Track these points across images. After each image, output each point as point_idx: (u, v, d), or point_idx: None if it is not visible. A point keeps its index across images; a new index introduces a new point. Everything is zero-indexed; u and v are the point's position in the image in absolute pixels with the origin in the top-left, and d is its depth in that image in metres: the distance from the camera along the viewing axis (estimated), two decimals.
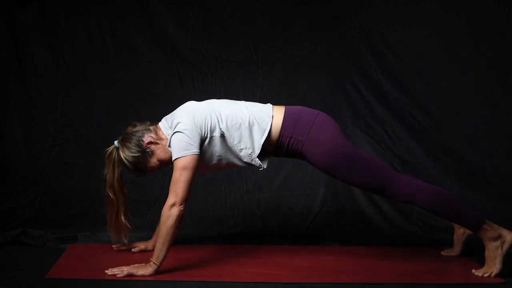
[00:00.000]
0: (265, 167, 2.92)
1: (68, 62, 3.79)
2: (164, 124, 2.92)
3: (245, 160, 2.89)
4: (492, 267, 2.84)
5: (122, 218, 2.99)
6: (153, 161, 2.92)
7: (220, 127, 2.83)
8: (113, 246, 3.23)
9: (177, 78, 3.81)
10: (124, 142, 2.90)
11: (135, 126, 2.94)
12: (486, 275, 2.83)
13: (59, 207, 3.61)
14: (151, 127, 2.92)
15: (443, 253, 3.19)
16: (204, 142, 2.83)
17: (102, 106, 3.79)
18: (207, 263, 2.97)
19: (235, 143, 2.85)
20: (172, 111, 2.94)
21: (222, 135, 2.84)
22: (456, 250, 3.16)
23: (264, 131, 2.85)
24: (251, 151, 2.87)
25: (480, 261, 3.02)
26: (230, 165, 2.94)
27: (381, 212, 3.69)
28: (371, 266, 2.98)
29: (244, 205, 3.74)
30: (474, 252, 3.23)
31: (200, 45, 3.80)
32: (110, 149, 2.94)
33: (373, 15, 3.79)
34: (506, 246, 2.84)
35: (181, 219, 2.77)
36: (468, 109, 3.71)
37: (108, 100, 3.80)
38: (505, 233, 2.85)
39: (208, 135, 2.83)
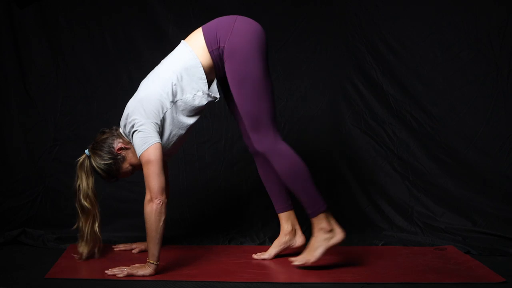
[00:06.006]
0: (218, 96, 2.90)
1: (68, 62, 3.79)
2: (122, 130, 2.93)
3: (204, 103, 2.85)
4: (309, 256, 2.84)
5: (98, 229, 2.98)
6: (126, 166, 2.92)
7: (169, 100, 2.81)
8: (113, 246, 3.24)
9: None
10: (95, 151, 2.91)
11: (104, 133, 2.95)
12: (301, 263, 2.83)
13: (59, 207, 3.61)
14: (118, 132, 2.93)
15: (254, 255, 3.10)
16: (162, 125, 2.82)
17: (102, 106, 3.79)
18: (207, 263, 2.97)
19: (188, 96, 2.83)
20: None
21: (174, 104, 2.82)
22: (270, 252, 3.08)
23: (196, 65, 2.83)
24: (202, 90, 2.84)
25: (481, 260, 3.03)
26: (188, 132, 2.92)
27: (381, 212, 3.69)
28: (371, 266, 2.98)
29: (244, 205, 3.74)
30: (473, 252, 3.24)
31: None
32: (82, 159, 2.94)
33: (373, 16, 3.79)
34: (332, 242, 2.85)
35: (162, 211, 2.74)
36: (468, 109, 3.70)
37: (108, 100, 3.80)
38: (338, 230, 2.87)
39: (161, 116, 2.81)
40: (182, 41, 2.93)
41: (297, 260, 2.87)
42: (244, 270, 2.88)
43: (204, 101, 2.86)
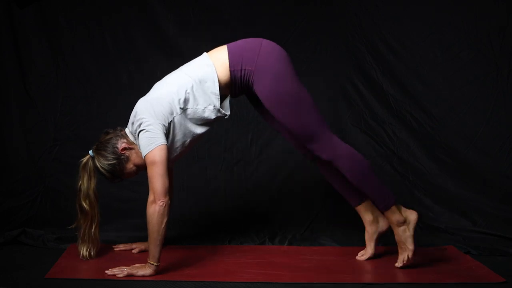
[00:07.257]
0: (228, 113, 2.91)
1: (68, 62, 3.79)
2: (130, 129, 2.93)
3: (213, 117, 2.87)
4: (405, 250, 2.89)
5: (96, 231, 2.99)
6: (130, 166, 2.92)
7: (179, 105, 2.82)
8: (113, 246, 3.24)
9: None
10: (99, 151, 2.91)
11: (108, 133, 2.95)
12: (405, 261, 2.88)
13: (59, 207, 3.61)
14: (123, 133, 2.93)
15: (358, 257, 3.09)
16: (169, 128, 2.82)
17: (102, 106, 3.79)
18: (207, 263, 2.97)
19: (199, 107, 2.84)
20: None
21: (184, 111, 2.83)
22: (369, 251, 3.08)
23: (213, 80, 2.84)
24: (213, 104, 2.86)
25: (481, 260, 3.03)
26: (194, 140, 2.93)
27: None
28: (371, 266, 2.98)
29: (244, 205, 3.74)
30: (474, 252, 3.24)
31: (200, 45, 3.79)
32: (85, 159, 2.95)
33: (373, 15, 3.79)
34: (411, 226, 2.91)
35: (164, 213, 2.73)
36: (468, 109, 3.70)
37: (108, 100, 3.80)
38: (409, 213, 2.92)
39: (169, 119, 2.82)
40: (204, 53, 2.94)
41: (399, 262, 2.91)
42: (244, 270, 2.87)
43: (212, 115, 2.87)
